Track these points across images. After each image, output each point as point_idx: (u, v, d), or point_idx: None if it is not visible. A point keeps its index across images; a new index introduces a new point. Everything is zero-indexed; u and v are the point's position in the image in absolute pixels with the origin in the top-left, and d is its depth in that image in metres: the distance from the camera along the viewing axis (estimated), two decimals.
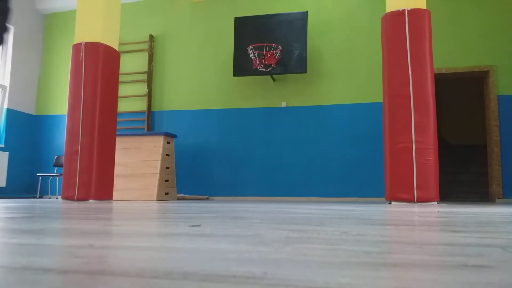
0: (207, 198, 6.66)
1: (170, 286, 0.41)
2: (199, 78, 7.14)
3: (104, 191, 4.65)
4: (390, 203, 4.18)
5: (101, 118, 4.63)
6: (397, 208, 2.89)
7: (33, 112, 7.84)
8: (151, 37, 7.37)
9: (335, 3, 6.76)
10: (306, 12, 6.46)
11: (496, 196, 5.94)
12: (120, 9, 5.19)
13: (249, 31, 6.64)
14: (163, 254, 0.62)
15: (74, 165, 4.51)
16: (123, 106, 7.32)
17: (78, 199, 4.45)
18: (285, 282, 0.43)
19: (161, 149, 5.67)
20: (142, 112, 7.26)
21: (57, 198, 6.89)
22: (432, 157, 3.97)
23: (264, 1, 7.05)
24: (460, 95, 9.96)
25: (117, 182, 5.51)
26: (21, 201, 4.12)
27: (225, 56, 7.04)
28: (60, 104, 7.76)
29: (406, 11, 4.17)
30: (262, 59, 6.40)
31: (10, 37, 7.43)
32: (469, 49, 6.21)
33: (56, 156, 7.09)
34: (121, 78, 7.32)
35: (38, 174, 7.08)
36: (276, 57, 6.39)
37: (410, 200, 3.96)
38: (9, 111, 7.32)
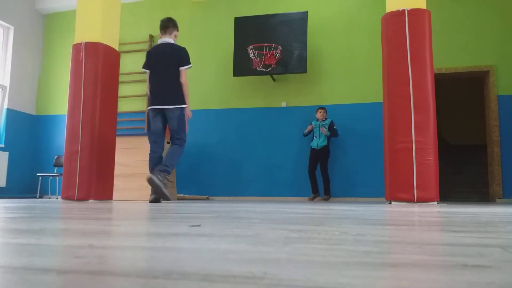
0: (207, 198, 6.66)
1: (170, 286, 0.41)
2: (199, 78, 7.14)
3: (104, 191, 4.65)
4: (390, 203, 4.18)
5: (101, 118, 4.62)
6: (397, 208, 2.89)
7: (33, 112, 7.84)
8: (151, 37, 7.37)
9: (335, 3, 6.76)
10: (306, 12, 6.46)
11: (496, 196, 5.94)
12: (120, 9, 5.19)
13: (249, 31, 6.63)
14: (163, 254, 0.62)
15: (74, 165, 4.51)
16: (123, 106, 7.32)
17: (78, 199, 4.45)
18: (285, 282, 0.43)
19: None
20: (142, 112, 7.26)
21: (57, 198, 6.89)
22: (432, 157, 3.97)
23: (264, 1, 7.05)
24: (460, 95, 9.95)
25: (117, 182, 5.51)
26: (21, 201, 4.12)
27: (225, 56, 7.03)
28: (60, 104, 7.76)
29: (406, 11, 4.17)
30: (262, 59, 6.40)
31: (10, 37, 7.43)
32: (469, 49, 6.21)
33: (56, 156, 7.09)
34: (121, 78, 7.32)
35: (38, 174, 7.08)
36: (276, 57, 6.39)
37: (410, 200, 3.96)
38: (9, 111, 7.32)
